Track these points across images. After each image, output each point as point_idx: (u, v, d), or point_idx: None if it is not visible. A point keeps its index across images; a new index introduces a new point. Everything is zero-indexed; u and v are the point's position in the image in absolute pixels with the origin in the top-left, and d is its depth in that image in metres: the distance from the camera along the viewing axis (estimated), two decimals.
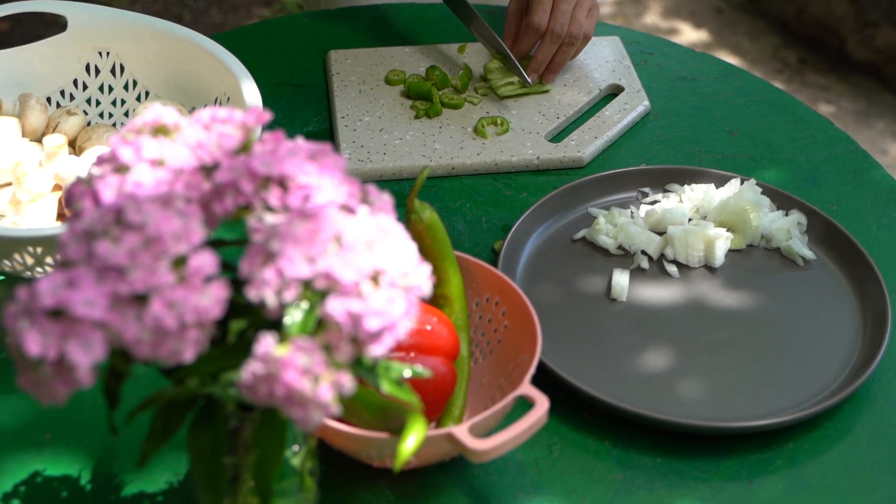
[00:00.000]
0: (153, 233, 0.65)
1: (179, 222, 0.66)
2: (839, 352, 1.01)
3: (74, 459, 0.92)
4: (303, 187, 0.70)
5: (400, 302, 0.65)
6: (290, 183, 0.70)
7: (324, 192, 0.71)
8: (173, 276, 0.64)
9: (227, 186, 0.70)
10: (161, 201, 0.67)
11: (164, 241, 0.65)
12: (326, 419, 0.67)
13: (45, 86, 1.15)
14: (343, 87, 1.29)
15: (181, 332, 0.64)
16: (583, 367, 0.99)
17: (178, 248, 0.65)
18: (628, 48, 1.38)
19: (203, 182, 0.71)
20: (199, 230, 0.66)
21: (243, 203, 0.70)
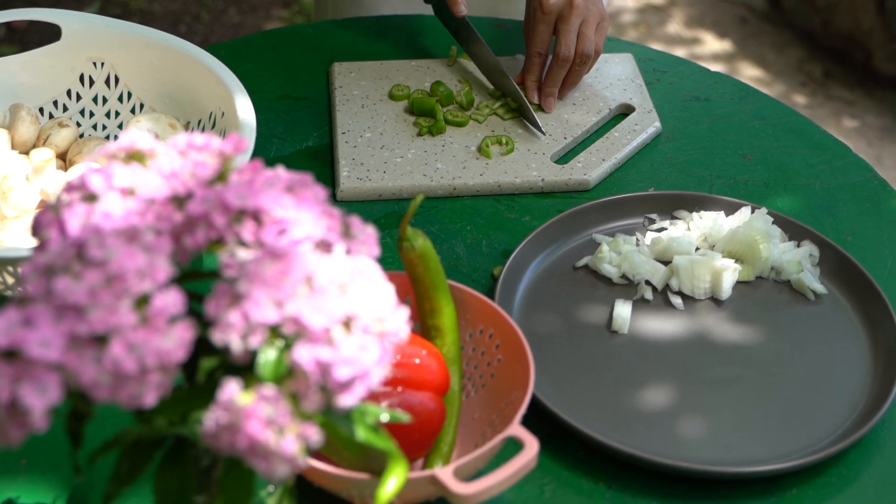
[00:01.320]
0: (115, 270, 0.61)
1: (144, 259, 0.63)
2: (848, 393, 0.97)
3: (49, 487, 0.89)
4: (278, 222, 0.67)
5: (373, 349, 0.61)
6: (264, 217, 0.66)
7: (301, 227, 0.67)
8: (135, 317, 0.61)
9: (199, 219, 0.67)
10: (126, 235, 0.64)
11: (126, 278, 0.61)
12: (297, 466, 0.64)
13: (38, 96, 1.12)
14: (345, 101, 1.26)
15: (142, 376, 0.61)
16: (580, 402, 0.96)
17: (142, 286, 0.62)
18: (641, 66, 1.34)
19: (175, 213, 0.68)
20: (165, 267, 0.63)
21: (215, 237, 0.67)
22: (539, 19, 1.24)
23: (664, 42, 2.96)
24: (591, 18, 1.25)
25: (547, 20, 1.23)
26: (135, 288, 0.61)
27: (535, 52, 1.25)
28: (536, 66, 1.26)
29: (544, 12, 1.23)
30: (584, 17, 1.24)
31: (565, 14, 1.23)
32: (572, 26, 1.24)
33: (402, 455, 0.79)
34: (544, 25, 1.24)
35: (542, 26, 1.24)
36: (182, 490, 0.70)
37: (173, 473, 0.70)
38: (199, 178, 0.69)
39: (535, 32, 1.25)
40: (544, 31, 1.24)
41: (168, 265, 0.63)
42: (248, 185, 0.68)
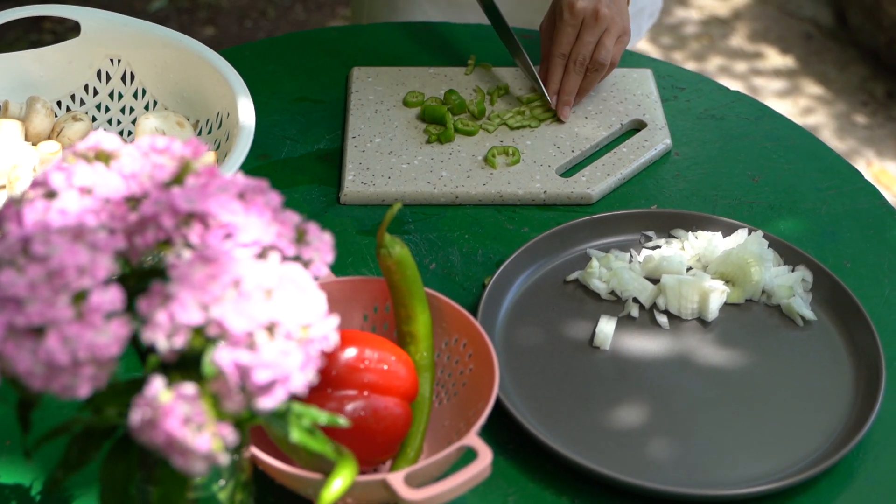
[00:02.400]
0: (56, 265, 0.64)
1: (87, 256, 0.65)
2: (824, 422, 0.97)
3: (30, 469, 0.92)
4: (224, 226, 0.69)
5: (296, 355, 0.63)
6: (211, 221, 0.69)
7: (247, 232, 0.69)
8: (71, 311, 0.63)
9: (149, 220, 0.69)
10: (72, 233, 0.66)
11: (65, 274, 0.64)
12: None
13: (57, 90, 1.16)
14: (360, 105, 1.28)
15: (75, 368, 0.63)
16: (552, 415, 0.96)
17: (81, 282, 0.64)
18: (660, 82, 1.34)
19: (129, 213, 0.71)
20: (106, 265, 0.65)
21: (163, 238, 0.69)
22: (567, 21, 1.24)
23: (725, 55, 2.93)
24: (614, 30, 1.25)
25: (574, 23, 1.24)
26: (74, 284, 0.64)
27: (559, 53, 1.26)
28: (559, 66, 1.26)
29: (573, 15, 1.24)
30: (608, 27, 1.25)
31: (590, 23, 1.24)
32: (593, 37, 1.24)
33: (352, 458, 0.81)
34: (571, 28, 1.25)
35: (569, 28, 1.25)
36: (126, 480, 0.72)
37: (120, 463, 0.72)
38: (156, 181, 0.72)
39: (560, 34, 1.25)
40: (570, 34, 1.25)
41: (110, 263, 0.66)
42: (201, 190, 0.70)
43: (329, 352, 0.88)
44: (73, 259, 0.64)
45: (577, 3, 1.23)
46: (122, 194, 0.71)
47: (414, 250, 1.12)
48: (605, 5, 1.24)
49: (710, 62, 2.91)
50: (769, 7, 3.08)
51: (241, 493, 0.80)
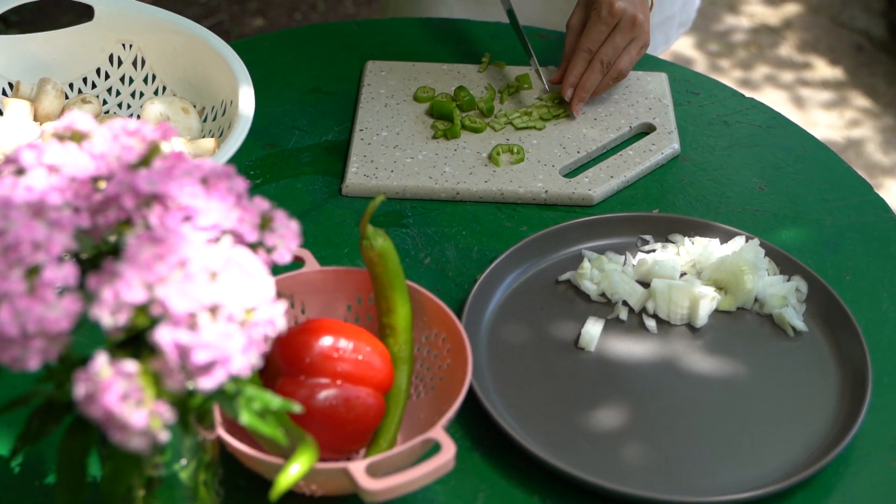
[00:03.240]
0: (11, 240, 0.65)
1: (43, 232, 0.66)
2: (806, 435, 0.95)
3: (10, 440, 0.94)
4: (183, 208, 0.70)
5: (238, 337, 0.64)
6: (170, 203, 0.70)
7: (207, 216, 0.70)
8: (24, 285, 0.65)
9: (111, 200, 0.71)
10: (33, 209, 0.68)
11: (20, 249, 0.65)
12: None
13: (69, 72, 1.18)
14: (370, 98, 1.28)
15: (24, 341, 0.64)
16: (530, 414, 0.96)
17: (35, 257, 0.66)
18: (675, 87, 1.33)
19: (94, 193, 0.72)
20: (62, 242, 0.66)
21: (124, 218, 0.70)
22: (603, 19, 1.24)
23: (773, 64, 2.90)
24: (641, 40, 1.25)
25: (610, 22, 1.23)
26: (28, 258, 0.65)
27: (587, 47, 1.25)
28: (583, 61, 1.25)
29: (611, 14, 1.23)
30: (636, 36, 1.24)
31: (625, 26, 1.23)
32: (626, 38, 1.24)
33: (313, 445, 0.81)
34: (605, 27, 1.24)
35: (603, 27, 1.24)
36: (84, 454, 0.73)
37: (79, 438, 0.73)
38: (123, 162, 0.73)
39: (593, 30, 1.24)
40: (603, 32, 1.24)
41: (67, 240, 0.67)
42: (165, 173, 0.72)
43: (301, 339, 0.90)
44: (28, 234, 0.66)
45: (616, 3, 1.23)
46: (89, 174, 0.72)
47: (410, 244, 1.13)
48: (643, 13, 1.24)
49: (757, 71, 2.88)
50: (821, 17, 3.04)
51: (204, 473, 0.82)
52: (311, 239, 1.13)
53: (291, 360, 0.89)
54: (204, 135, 1.14)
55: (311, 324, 0.90)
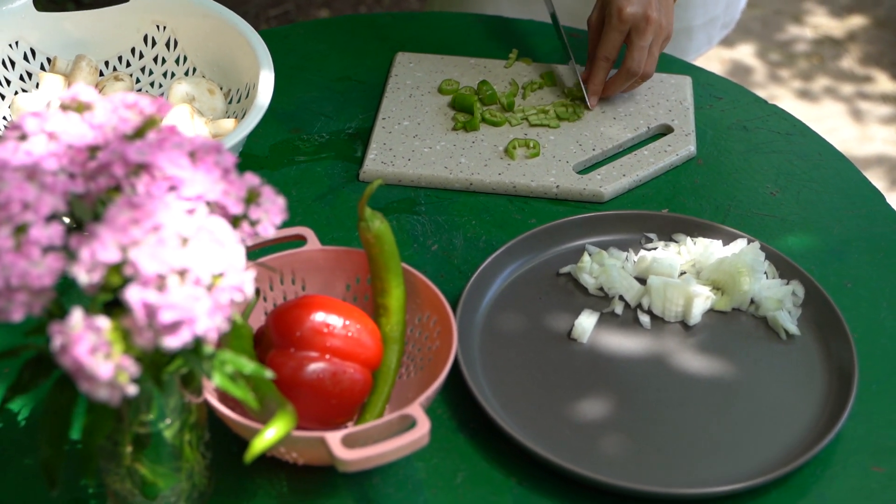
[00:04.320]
0: (2, 199, 0.70)
1: (34, 193, 0.71)
2: (786, 436, 0.97)
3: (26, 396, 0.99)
4: (168, 178, 0.74)
5: (204, 301, 0.67)
6: (157, 173, 0.74)
7: (192, 187, 0.74)
8: (11, 242, 0.69)
9: (103, 167, 0.75)
10: (27, 172, 0.72)
11: (10, 207, 0.70)
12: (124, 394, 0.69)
13: (105, 50, 1.23)
14: (396, 89, 1.32)
15: (8, 294, 0.69)
16: (516, 400, 0.99)
17: (24, 216, 0.70)
18: (698, 90, 1.35)
19: (88, 160, 0.76)
20: (51, 203, 0.71)
21: (113, 185, 0.75)
22: (614, 27, 1.25)
23: (833, 76, 2.88)
24: (661, 36, 1.26)
25: (621, 29, 1.25)
26: (17, 217, 0.70)
27: (604, 56, 1.27)
28: (603, 70, 1.28)
29: (621, 20, 1.24)
30: (656, 34, 1.26)
31: (641, 28, 1.25)
32: (646, 42, 1.25)
33: (292, 412, 0.85)
34: (618, 34, 1.26)
35: (616, 34, 1.26)
36: (69, 407, 0.78)
37: (65, 392, 0.78)
38: (118, 133, 0.77)
39: (606, 38, 1.26)
40: (616, 39, 1.26)
41: (56, 202, 0.71)
42: (157, 144, 0.76)
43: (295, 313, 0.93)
44: (19, 194, 0.70)
45: (625, 9, 1.24)
46: (87, 143, 0.77)
47: (419, 230, 1.16)
48: (655, 9, 1.25)
49: (817, 82, 2.87)
50: (886, 31, 3.01)
51: (189, 433, 0.86)
52: (325, 221, 1.17)
53: (284, 332, 0.93)
54: (228, 116, 1.19)
55: (305, 299, 0.94)
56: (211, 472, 0.91)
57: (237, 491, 0.93)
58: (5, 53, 1.18)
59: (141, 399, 0.80)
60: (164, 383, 0.77)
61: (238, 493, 0.92)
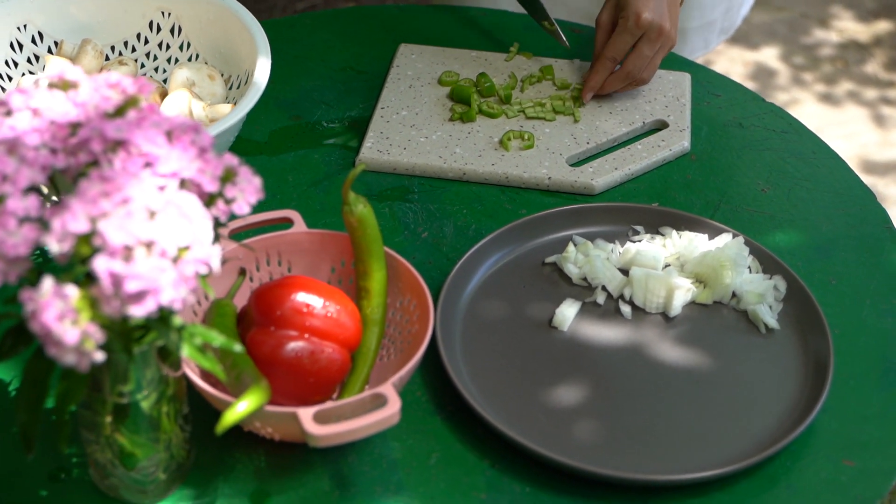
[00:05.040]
0: None
1: (13, 166, 0.74)
2: (758, 427, 0.98)
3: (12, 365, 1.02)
4: (144, 155, 0.76)
5: (169, 272, 0.70)
6: (133, 150, 0.76)
7: (167, 164, 0.77)
8: None
9: (83, 143, 0.77)
10: (7, 146, 0.75)
11: None
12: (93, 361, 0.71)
13: (111, 35, 1.26)
14: (396, 79, 1.34)
15: None
16: (493, 386, 1.01)
17: (3, 188, 0.73)
18: (697, 87, 1.36)
19: (69, 137, 0.79)
20: (28, 176, 0.73)
21: (92, 160, 0.77)
22: (627, 29, 1.26)
23: (857, 81, 2.87)
24: (667, 47, 1.28)
25: (634, 33, 1.26)
26: None
27: (611, 56, 1.28)
28: (607, 70, 1.29)
29: (637, 26, 1.25)
30: (663, 44, 1.27)
31: (652, 37, 1.26)
32: (652, 51, 1.26)
33: (265, 387, 0.87)
34: (630, 37, 1.26)
35: (627, 37, 1.26)
36: (47, 374, 0.80)
37: (43, 360, 0.80)
38: (100, 110, 0.80)
39: (618, 39, 1.27)
40: (628, 42, 1.27)
41: (35, 175, 0.74)
42: (135, 123, 0.78)
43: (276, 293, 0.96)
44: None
45: (643, 14, 1.25)
46: (69, 119, 0.79)
47: (411, 218, 1.18)
48: (669, 21, 1.26)
49: (840, 86, 2.86)
50: None
51: (166, 405, 0.88)
52: (319, 206, 1.19)
53: (264, 311, 0.95)
54: (228, 101, 1.21)
55: (286, 280, 0.96)
56: (191, 445, 0.94)
57: (216, 464, 0.95)
58: (13, 36, 1.22)
59: (118, 370, 0.83)
60: (137, 355, 0.79)
61: (217, 466, 0.95)
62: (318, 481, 0.94)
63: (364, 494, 0.93)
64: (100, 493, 0.92)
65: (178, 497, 0.92)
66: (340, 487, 0.94)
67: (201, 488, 0.93)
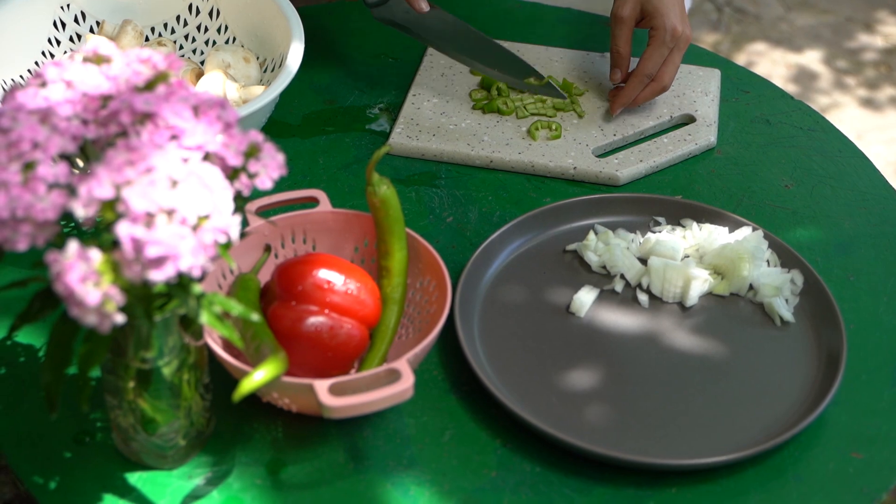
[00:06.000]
0: (15, 137, 0.76)
1: (44, 134, 0.77)
2: (769, 416, 0.99)
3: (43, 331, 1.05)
4: (171, 128, 0.79)
5: (189, 239, 0.73)
6: (160, 122, 0.79)
7: (192, 137, 0.80)
8: (20, 177, 0.75)
9: (112, 115, 0.80)
10: (41, 115, 0.78)
11: (21, 146, 0.76)
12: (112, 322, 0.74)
13: (152, 17, 1.29)
14: (430, 67, 1.36)
15: (14, 224, 0.75)
16: (508, 367, 1.03)
17: (33, 155, 0.76)
18: (725, 84, 1.37)
19: (100, 109, 0.82)
20: (59, 144, 0.77)
21: (120, 132, 0.80)
22: (664, 44, 1.25)
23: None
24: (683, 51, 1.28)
25: (670, 46, 1.26)
26: (27, 155, 0.76)
27: (648, 73, 1.27)
28: (641, 84, 1.27)
29: (674, 38, 1.25)
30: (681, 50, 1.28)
31: (682, 47, 1.27)
32: (681, 56, 1.27)
33: (283, 358, 0.90)
34: (666, 50, 1.26)
35: (664, 50, 1.26)
36: (72, 337, 0.83)
37: (69, 323, 0.83)
38: (130, 84, 0.83)
39: (654, 55, 1.26)
40: (663, 56, 1.26)
41: (65, 144, 0.77)
42: (164, 97, 0.81)
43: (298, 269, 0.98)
44: (30, 134, 0.76)
45: (678, 27, 1.25)
46: (100, 92, 0.82)
47: (437, 203, 1.20)
48: (689, 26, 1.27)
49: (882, 91, 2.85)
50: None
51: (187, 373, 0.91)
52: (348, 189, 1.21)
53: (287, 286, 0.97)
54: (262, 83, 1.24)
55: (309, 256, 0.99)
56: (210, 413, 0.96)
57: (235, 433, 0.98)
58: (56, 15, 1.25)
59: (141, 336, 0.86)
60: (159, 322, 0.82)
61: (235, 435, 0.98)
62: (333, 453, 0.97)
63: (377, 468, 0.96)
64: (121, 456, 0.95)
65: (196, 463, 0.95)
66: (354, 460, 0.96)
67: (219, 456, 0.96)
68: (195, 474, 0.94)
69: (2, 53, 1.18)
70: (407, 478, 0.95)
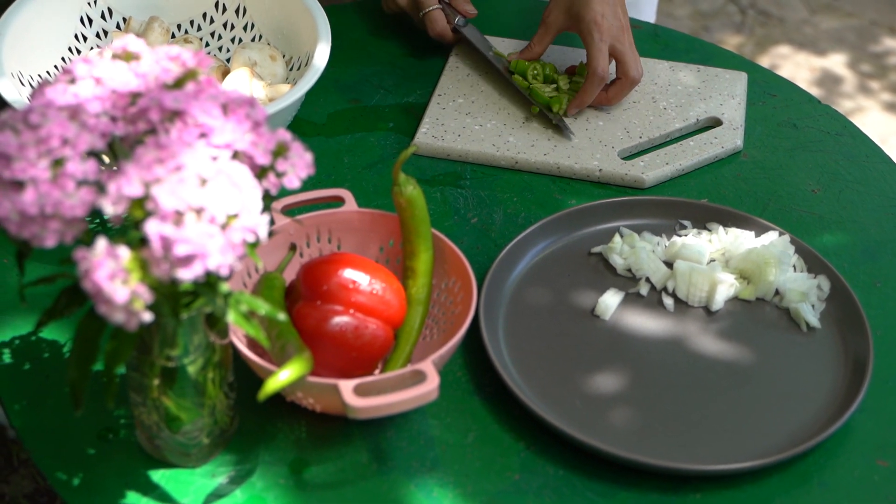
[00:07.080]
0: (44, 133, 0.76)
1: (73, 131, 0.77)
2: (794, 423, 0.99)
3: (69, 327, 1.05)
4: (199, 126, 0.79)
5: (217, 238, 0.72)
6: (189, 120, 0.79)
7: (221, 135, 0.79)
8: (49, 173, 0.75)
9: (142, 112, 0.80)
10: (70, 112, 0.78)
11: (50, 142, 0.75)
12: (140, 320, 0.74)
13: (179, 14, 1.29)
14: (455, 67, 1.36)
15: (43, 221, 0.75)
16: (533, 370, 1.02)
17: (63, 151, 0.76)
18: (752, 87, 1.36)
19: (130, 106, 0.82)
20: (88, 141, 0.76)
21: (149, 129, 0.80)
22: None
23: None
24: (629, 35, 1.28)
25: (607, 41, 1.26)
26: (57, 151, 0.76)
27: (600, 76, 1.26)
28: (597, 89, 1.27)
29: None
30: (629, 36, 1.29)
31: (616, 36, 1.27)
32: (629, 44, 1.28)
33: (308, 357, 0.90)
34: (606, 45, 1.26)
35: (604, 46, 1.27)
36: (98, 333, 0.83)
37: (95, 319, 0.83)
38: (160, 82, 0.83)
39: (598, 56, 1.26)
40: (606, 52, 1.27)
41: (94, 141, 0.77)
42: (193, 95, 0.81)
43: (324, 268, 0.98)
44: (59, 131, 0.76)
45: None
46: (129, 89, 0.82)
47: (461, 203, 1.20)
48: (620, 17, 1.27)
49: None
50: None
51: (212, 371, 0.91)
52: (372, 188, 1.21)
53: (312, 286, 0.97)
54: (288, 82, 1.24)
55: (334, 256, 0.99)
56: (234, 412, 0.96)
57: (258, 432, 0.98)
58: (83, 11, 1.25)
59: (166, 333, 0.86)
60: (185, 320, 0.82)
61: (259, 434, 0.98)
62: (357, 454, 0.97)
63: (400, 469, 0.96)
64: (145, 454, 0.95)
65: (220, 462, 0.95)
66: (378, 461, 0.96)
67: (243, 454, 0.96)
68: (218, 473, 0.94)
69: (28, 49, 1.19)
70: (430, 479, 0.95)
